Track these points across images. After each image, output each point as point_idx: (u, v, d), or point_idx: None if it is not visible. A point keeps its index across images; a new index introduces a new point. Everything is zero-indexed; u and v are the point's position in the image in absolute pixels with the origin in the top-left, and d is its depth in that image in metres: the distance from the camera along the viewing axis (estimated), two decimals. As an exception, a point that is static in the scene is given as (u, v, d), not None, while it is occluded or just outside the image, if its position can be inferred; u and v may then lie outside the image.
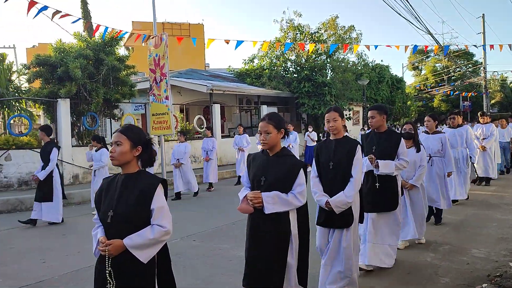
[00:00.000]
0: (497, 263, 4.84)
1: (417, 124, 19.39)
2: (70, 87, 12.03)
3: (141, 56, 26.26)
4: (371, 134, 4.86)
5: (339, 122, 3.92)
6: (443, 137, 6.59)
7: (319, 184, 3.93)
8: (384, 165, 4.55)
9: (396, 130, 5.06)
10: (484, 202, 8.42)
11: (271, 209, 3.07)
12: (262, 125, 3.22)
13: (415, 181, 5.37)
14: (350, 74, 22.76)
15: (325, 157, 3.95)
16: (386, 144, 4.66)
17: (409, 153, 5.14)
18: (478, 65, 38.17)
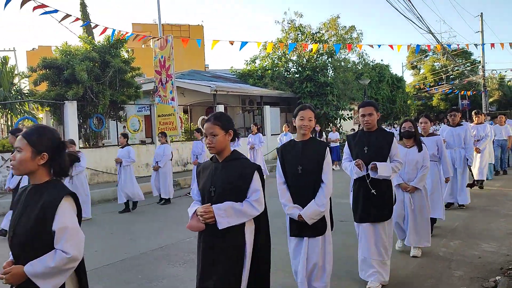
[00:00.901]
0: (508, 256, 4.97)
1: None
2: (77, 90, 12.15)
3: (141, 57, 26.42)
4: (358, 134, 4.40)
5: (313, 123, 3.66)
6: (439, 139, 6.15)
7: (286, 192, 3.64)
8: (383, 167, 4.10)
9: (385, 129, 4.69)
10: (490, 199, 8.55)
11: (225, 223, 2.65)
12: (207, 127, 2.82)
13: (417, 183, 5.00)
14: (351, 73, 22.91)
15: (291, 160, 3.64)
16: (379, 145, 4.21)
17: (410, 153, 5.04)
18: (477, 63, 38.35)
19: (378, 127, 4.34)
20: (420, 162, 5.03)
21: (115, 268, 5.28)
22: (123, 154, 9.35)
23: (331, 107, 20.89)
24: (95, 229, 7.63)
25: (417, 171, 5.04)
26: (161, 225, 7.72)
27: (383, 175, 4.10)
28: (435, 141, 6.08)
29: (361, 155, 4.22)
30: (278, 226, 5.53)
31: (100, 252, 6.05)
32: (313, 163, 3.56)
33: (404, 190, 5.05)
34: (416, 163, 5.03)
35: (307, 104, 3.76)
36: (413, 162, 5.03)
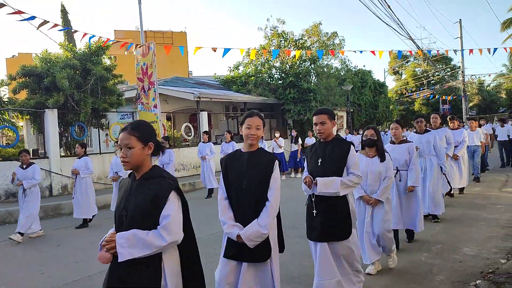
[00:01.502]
0: (489, 260, 5.03)
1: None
2: (58, 97, 11.99)
3: (123, 64, 26.24)
4: (316, 144, 4.03)
5: (262, 132, 3.26)
6: (411, 146, 5.71)
7: (228, 210, 3.19)
8: (324, 183, 3.69)
9: (343, 138, 4.19)
10: (471, 203, 8.67)
11: (126, 254, 2.26)
12: (121, 137, 2.43)
13: (380, 195, 4.61)
14: (333, 79, 23.11)
15: (236, 174, 3.22)
16: (333, 156, 3.81)
17: (373, 163, 4.71)
18: (457, 69, 39.07)
19: (335, 136, 3.96)
20: (383, 173, 4.65)
21: (94, 281, 5.20)
22: (80, 165, 8.71)
23: (314, 113, 20.98)
24: (78, 240, 7.51)
25: (380, 182, 4.67)
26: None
27: (326, 192, 3.69)
28: (407, 148, 5.67)
29: (315, 168, 3.85)
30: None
31: (81, 263, 5.95)
32: (259, 177, 3.14)
33: (366, 203, 4.71)
34: (379, 174, 4.66)
35: (254, 111, 3.36)
36: (376, 173, 4.67)
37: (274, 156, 3.27)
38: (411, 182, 5.60)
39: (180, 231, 2.37)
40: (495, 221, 6.93)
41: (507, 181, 11.58)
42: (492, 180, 11.82)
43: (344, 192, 3.72)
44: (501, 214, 7.41)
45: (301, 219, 4.61)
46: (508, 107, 43.95)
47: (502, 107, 46.07)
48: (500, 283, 4.25)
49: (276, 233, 3.24)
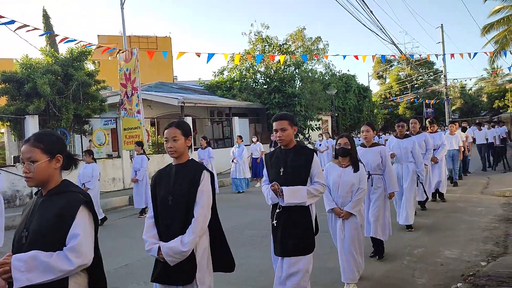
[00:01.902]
0: (469, 263, 5.08)
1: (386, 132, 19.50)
2: (39, 104, 11.81)
3: (107, 70, 26.02)
4: (276, 152, 3.78)
5: (180, 143, 2.94)
6: (383, 150, 5.49)
7: (152, 228, 2.90)
8: (290, 193, 3.48)
9: (307, 145, 3.95)
10: (452, 205, 8.76)
11: (24, 280, 1.96)
12: (24, 150, 2.17)
13: (352, 207, 4.33)
14: (318, 84, 23.25)
15: (163, 189, 2.94)
16: (296, 164, 3.59)
17: (346, 174, 4.44)
18: (439, 73, 39.65)
19: (297, 143, 3.73)
20: (356, 184, 4.37)
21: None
22: None
23: (299, 118, 21.08)
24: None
25: (352, 194, 4.38)
26: (129, 242, 7.53)
27: (293, 202, 3.47)
28: (379, 152, 5.43)
29: (277, 177, 3.60)
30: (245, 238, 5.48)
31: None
32: (184, 192, 2.86)
33: (337, 216, 4.42)
34: (351, 185, 4.37)
35: (175, 120, 3.06)
36: (349, 184, 4.38)
37: (203, 168, 2.95)
38: (392, 188, 5.40)
39: (91, 253, 2.07)
40: (476, 224, 7.01)
41: (488, 183, 11.75)
42: (473, 183, 11.98)
43: (310, 201, 3.54)
44: (482, 217, 7.50)
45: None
46: (489, 110, 44.75)
47: (483, 110, 46.92)
48: (480, 286, 4.28)
49: (207, 252, 2.92)
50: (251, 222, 8.09)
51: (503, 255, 5.29)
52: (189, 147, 3.03)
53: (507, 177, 12.61)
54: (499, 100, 43.34)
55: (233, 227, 7.55)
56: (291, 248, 3.50)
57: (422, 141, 7.68)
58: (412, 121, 7.98)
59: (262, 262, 5.40)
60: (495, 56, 27.65)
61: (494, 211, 7.90)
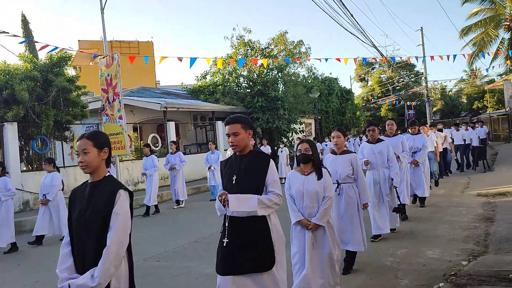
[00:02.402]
0: (451, 262, 5.14)
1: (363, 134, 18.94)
2: (18, 110, 11.62)
3: (89, 75, 25.73)
4: (231, 159, 3.43)
5: (92, 156, 2.59)
6: (354, 158, 5.15)
7: (68, 257, 2.55)
8: (237, 200, 3.09)
9: (262, 150, 3.62)
10: (434, 205, 8.86)
11: None
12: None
13: (319, 218, 4.00)
14: (301, 87, 23.36)
15: (77, 211, 2.58)
16: (250, 172, 3.23)
17: (309, 182, 4.11)
18: (420, 75, 40.23)
19: (253, 148, 3.40)
20: (320, 192, 4.07)
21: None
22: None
23: (283, 121, 21.14)
24: (39, 259, 7.24)
25: (319, 203, 4.08)
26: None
27: (240, 211, 3.07)
28: (349, 160, 5.12)
29: (229, 186, 3.25)
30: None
31: (42, 283, 5.74)
32: (99, 215, 2.49)
33: (305, 228, 4.06)
34: (316, 193, 4.07)
35: (85, 133, 2.71)
36: (313, 192, 4.07)
37: (119, 186, 2.59)
38: (365, 199, 5.08)
39: None
40: (457, 224, 7.10)
41: (469, 183, 11.93)
42: (454, 183, 12.16)
43: (262, 212, 3.10)
44: (462, 216, 7.61)
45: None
46: (469, 111, 45.56)
47: (463, 111, 47.72)
48: (462, 285, 4.34)
49: (126, 283, 2.58)
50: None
51: (483, 254, 5.37)
52: (107, 161, 2.68)
53: (487, 177, 12.83)
54: (478, 101, 44.16)
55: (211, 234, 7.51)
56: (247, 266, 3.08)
57: (398, 143, 7.40)
58: (389, 123, 7.79)
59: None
60: (474, 58, 28.21)
61: (474, 211, 8.03)
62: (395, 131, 7.76)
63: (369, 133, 6.62)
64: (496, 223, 6.86)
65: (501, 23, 26.75)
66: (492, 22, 26.73)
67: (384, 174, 6.45)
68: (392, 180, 6.39)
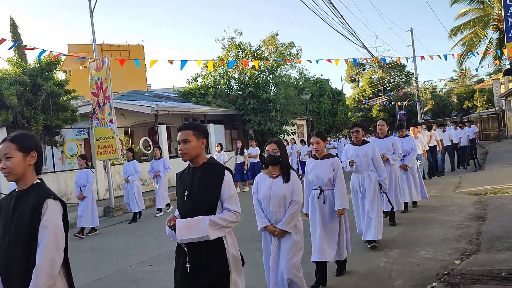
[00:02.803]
0: (444, 262, 5.15)
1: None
2: (6, 115, 11.48)
3: (79, 79, 25.55)
4: (185, 171, 3.02)
5: (14, 162, 2.29)
6: (336, 162, 4.87)
7: None
8: (185, 227, 2.72)
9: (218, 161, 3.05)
10: (426, 206, 8.88)
11: None
12: None
13: (286, 224, 3.79)
14: (292, 89, 23.36)
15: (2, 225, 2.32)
16: (203, 186, 2.83)
17: (277, 185, 3.91)
18: (410, 75, 40.50)
19: (208, 159, 2.98)
20: (288, 196, 3.85)
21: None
22: None
23: (275, 123, 21.14)
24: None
25: (286, 208, 3.87)
26: (101, 254, 7.37)
27: (190, 238, 2.71)
28: (331, 164, 4.83)
29: (182, 202, 2.90)
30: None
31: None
32: (22, 231, 2.20)
33: (271, 234, 3.89)
34: (283, 197, 3.85)
35: (7, 137, 2.41)
36: (280, 196, 3.86)
37: (48, 195, 2.29)
38: (339, 205, 4.74)
39: None
40: (449, 223, 7.13)
41: (460, 182, 12.01)
42: (446, 182, 12.23)
43: (216, 235, 2.74)
44: (455, 216, 7.64)
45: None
46: (460, 110, 45.96)
47: (454, 111, 48.14)
48: (455, 284, 4.35)
49: None
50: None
51: (475, 253, 5.39)
52: (37, 168, 2.39)
53: (478, 176, 12.92)
54: (468, 100, 44.58)
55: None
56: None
57: (389, 144, 7.20)
58: (379, 123, 7.54)
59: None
60: (463, 58, 28.46)
61: (466, 210, 8.07)
62: (387, 132, 7.57)
63: (353, 134, 6.15)
64: (488, 222, 6.90)
65: (490, 23, 27.01)
66: (480, 22, 26.99)
67: (370, 177, 6.01)
68: (380, 186, 6.04)
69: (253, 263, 4.88)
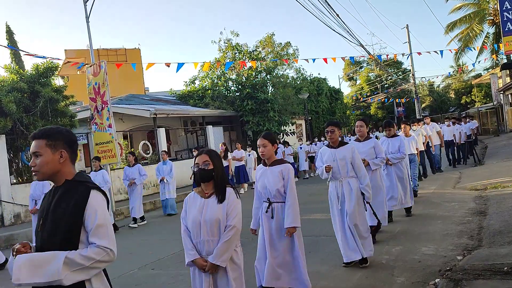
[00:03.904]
0: (446, 258, 5.15)
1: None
2: (5, 123, 11.52)
3: (77, 84, 25.55)
4: (52, 189, 2.37)
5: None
6: (286, 169, 4.13)
7: None
8: (25, 267, 2.05)
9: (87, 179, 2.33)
10: (427, 202, 8.89)
11: None
12: None
13: (218, 256, 2.99)
14: (290, 89, 23.37)
15: None
16: (57, 213, 2.20)
17: (209, 206, 3.08)
18: (407, 72, 40.54)
19: (74, 177, 2.33)
20: (222, 220, 3.04)
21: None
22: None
23: (273, 123, 21.14)
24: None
25: (220, 235, 3.05)
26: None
27: (32, 282, 2.06)
28: (280, 172, 4.13)
29: (36, 232, 2.31)
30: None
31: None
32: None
33: (201, 269, 3.03)
34: (217, 223, 3.03)
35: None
36: (212, 221, 3.03)
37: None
38: (289, 222, 3.99)
39: None
40: (450, 219, 7.13)
41: (460, 178, 12.01)
42: (446, 178, 12.22)
43: (74, 279, 2.09)
44: (455, 211, 7.64)
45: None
46: (458, 106, 45.99)
47: (452, 107, 48.17)
48: (457, 280, 4.34)
49: None
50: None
51: (477, 248, 5.39)
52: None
53: (478, 171, 12.92)
54: (466, 95, 44.61)
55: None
56: None
57: (370, 148, 6.18)
58: (358, 124, 6.39)
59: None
60: (460, 53, 28.50)
61: (467, 205, 8.07)
62: (367, 134, 6.45)
63: (328, 135, 5.19)
64: (489, 217, 6.90)
65: (486, 17, 27.06)
66: (476, 17, 27.03)
67: (350, 185, 5.10)
68: (363, 195, 5.13)
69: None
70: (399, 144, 7.45)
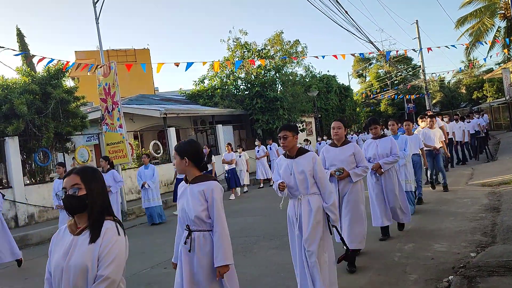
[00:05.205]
0: (459, 255, 5.11)
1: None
2: (18, 124, 11.63)
3: (87, 85, 25.74)
4: None
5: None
6: (209, 188, 3.16)
7: None
8: None
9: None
10: (439, 198, 8.82)
11: None
12: None
13: None
14: (299, 86, 23.34)
15: None
16: None
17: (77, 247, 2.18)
18: (418, 68, 40.18)
19: None
20: (91, 268, 2.18)
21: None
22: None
23: (283, 121, 21.12)
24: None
25: None
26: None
27: None
28: (201, 192, 3.16)
29: None
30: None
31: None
32: None
33: None
34: (83, 271, 2.15)
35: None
36: (77, 269, 2.16)
37: None
38: (219, 260, 3.06)
39: None
40: (463, 215, 7.07)
41: (473, 174, 11.89)
42: (458, 174, 12.12)
43: None
44: (468, 208, 7.58)
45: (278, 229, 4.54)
46: (469, 101, 45.49)
47: (463, 102, 47.66)
48: (471, 277, 4.31)
49: None
50: (241, 229, 8.09)
51: (491, 244, 5.34)
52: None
53: (491, 167, 12.79)
54: (477, 91, 44.08)
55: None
56: None
57: (350, 156, 5.04)
58: (334, 125, 5.18)
59: (250, 271, 5.39)
60: (471, 48, 28.17)
61: (480, 201, 7.99)
62: (345, 137, 5.22)
63: (280, 141, 4.12)
64: (503, 213, 6.83)
65: (497, 11, 26.69)
66: (487, 11, 26.67)
67: (310, 204, 3.98)
68: (328, 217, 4.01)
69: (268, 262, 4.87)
70: (390, 145, 6.10)
